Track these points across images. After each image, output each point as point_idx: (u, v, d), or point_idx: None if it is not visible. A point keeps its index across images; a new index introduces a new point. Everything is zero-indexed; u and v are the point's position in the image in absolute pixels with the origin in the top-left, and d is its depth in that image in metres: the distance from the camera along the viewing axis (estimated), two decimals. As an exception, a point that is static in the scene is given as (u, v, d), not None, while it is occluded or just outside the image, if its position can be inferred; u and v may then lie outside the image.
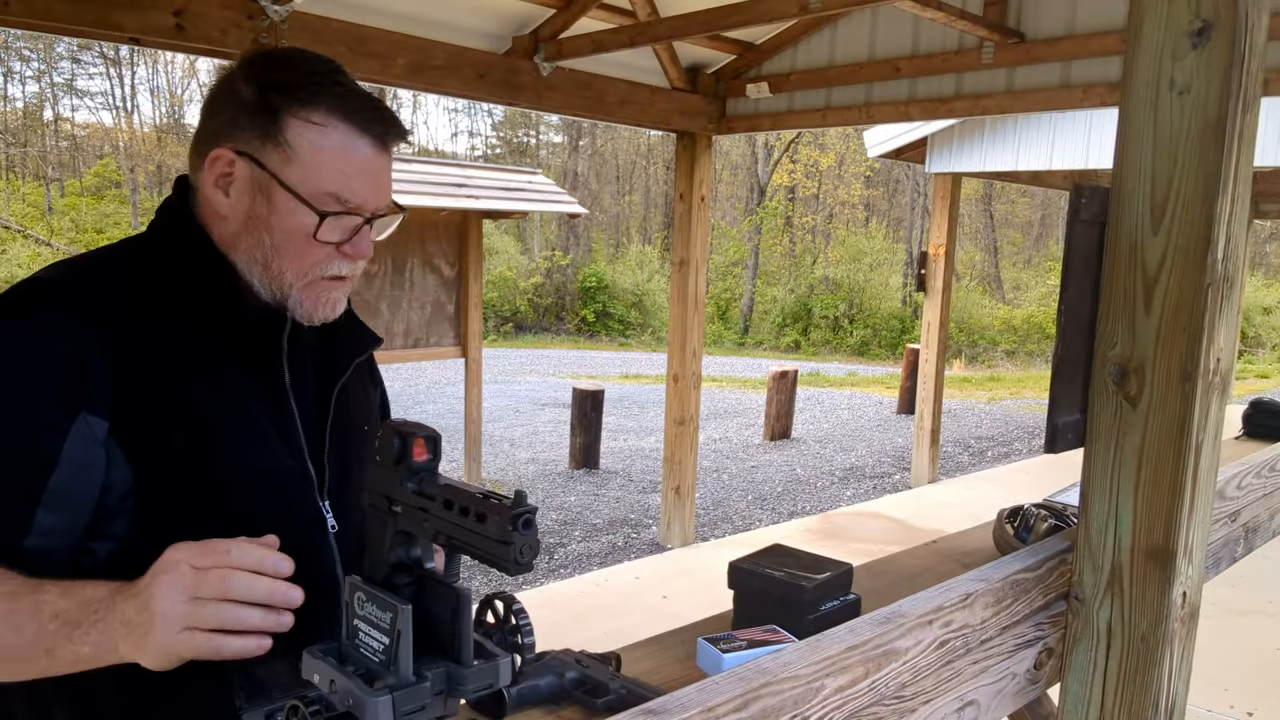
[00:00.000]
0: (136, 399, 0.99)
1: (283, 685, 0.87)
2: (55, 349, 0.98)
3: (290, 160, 1.04)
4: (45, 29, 3.26)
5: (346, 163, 1.05)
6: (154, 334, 1.03)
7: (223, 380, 1.06)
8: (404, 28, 3.96)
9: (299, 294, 1.08)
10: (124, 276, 1.06)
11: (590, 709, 1.03)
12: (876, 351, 22.22)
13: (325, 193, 1.05)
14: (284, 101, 1.03)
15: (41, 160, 27.08)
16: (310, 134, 1.04)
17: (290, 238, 1.05)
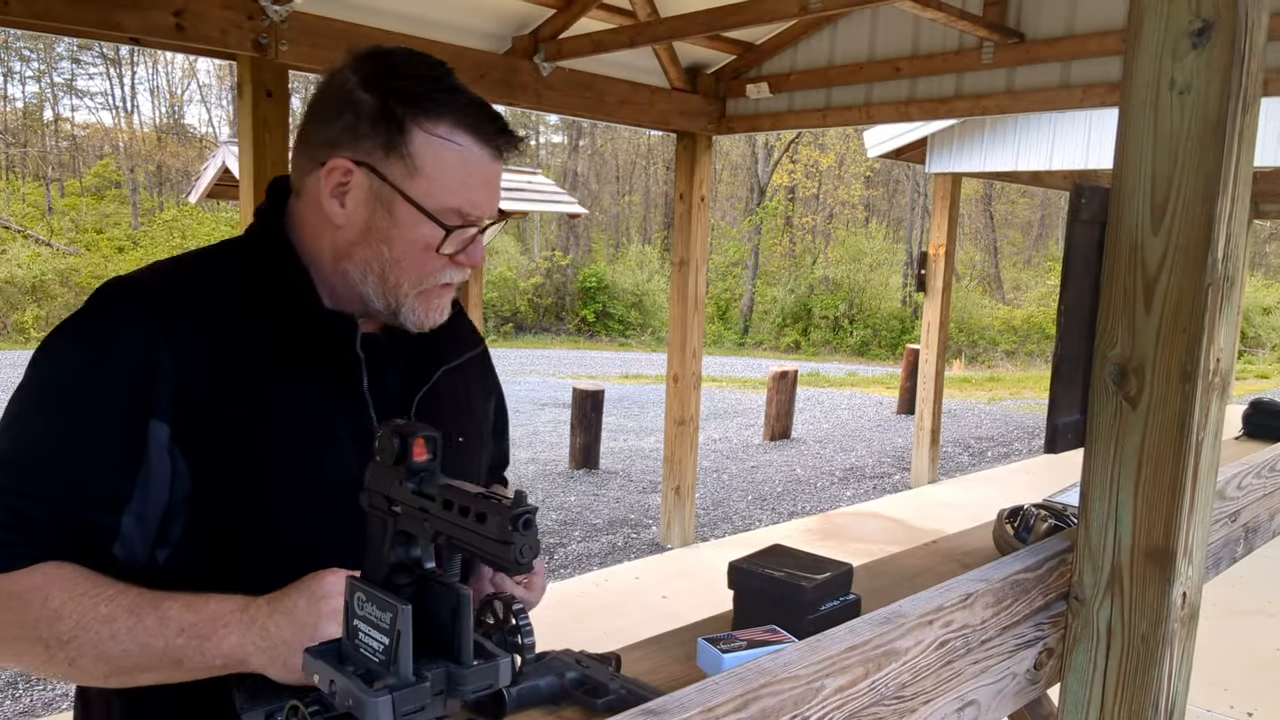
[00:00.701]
0: (202, 405, 0.99)
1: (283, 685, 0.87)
2: (126, 359, 0.98)
3: (414, 174, 1.02)
4: (45, 29, 3.26)
5: (470, 176, 1.04)
6: (227, 339, 1.02)
7: (296, 387, 1.05)
8: (404, 28, 3.96)
9: (413, 302, 1.07)
10: (204, 281, 1.06)
11: (590, 709, 1.03)
12: (876, 352, 22.22)
13: (449, 208, 1.03)
14: (409, 112, 1.01)
15: (41, 160, 27.08)
16: (435, 147, 1.02)
17: (409, 250, 1.04)
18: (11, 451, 0.98)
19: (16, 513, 0.95)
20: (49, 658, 0.93)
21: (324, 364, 1.06)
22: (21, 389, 1.01)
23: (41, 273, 19.75)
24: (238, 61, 3.51)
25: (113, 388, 0.98)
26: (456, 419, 1.19)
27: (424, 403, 1.13)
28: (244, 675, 0.91)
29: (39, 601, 0.93)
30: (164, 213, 24.49)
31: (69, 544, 0.96)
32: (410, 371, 1.14)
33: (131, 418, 0.97)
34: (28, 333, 18.46)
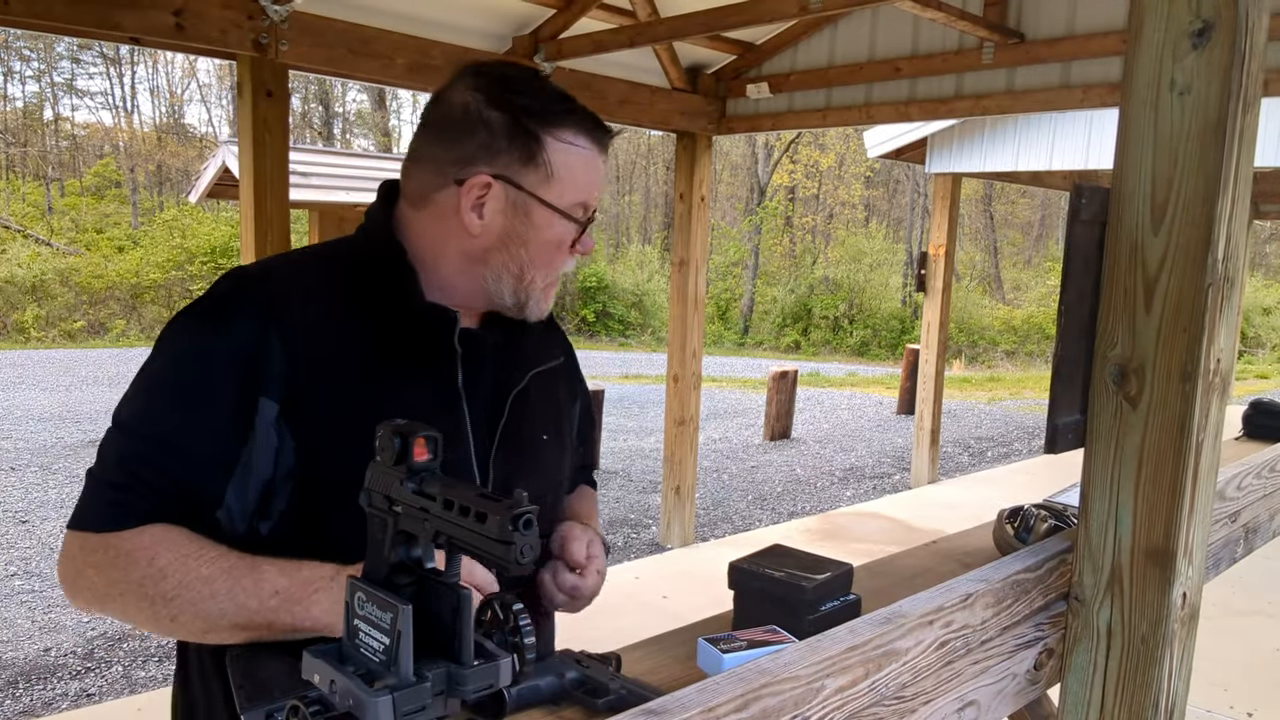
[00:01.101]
0: (308, 385, 1.07)
1: (283, 685, 0.88)
2: (241, 340, 1.06)
3: (549, 179, 1.12)
4: (45, 29, 3.26)
5: (590, 174, 1.16)
6: (334, 328, 1.10)
7: (398, 375, 1.11)
8: (404, 28, 3.96)
9: (539, 295, 1.17)
10: (316, 275, 1.15)
11: (590, 709, 1.03)
12: (876, 352, 22.22)
13: (576, 203, 1.15)
14: (539, 125, 1.11)
15: (41, 160, 27.08)
16: (564, 153, 1.13)
17: (545, 249, 1.15)
18: (134, 420, 1.07)
19: (134, 475, 1.04)
20: (154, 614, 1.01)
21: (422, 357, 1.13)
22: (146, 365, 1.10)
23: (41, 272, 19.74)
24: (238, 61, 3.51)
25: (227, 366, 1.06)
26: (544, 419, 1.28)
27: (515, 402, 1.21)
28: (245, 675, 0.91)
29: (146, 560, 1.01)
30: (164, 212, 24.47)
31: (178, 508, 1.04)
32: (502, 371, 1.21)
33: (242, 394, 1.05)
34: (28, 332, 18.45)
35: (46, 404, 11.01)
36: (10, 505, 6.88)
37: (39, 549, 5.94)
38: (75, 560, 1.05)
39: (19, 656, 4.36)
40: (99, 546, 1.03)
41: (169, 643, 4.55)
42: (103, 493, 1.05)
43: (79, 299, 19.86)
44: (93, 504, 1.05)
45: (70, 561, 1.05)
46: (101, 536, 1.03)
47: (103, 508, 1.04)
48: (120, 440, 1.07)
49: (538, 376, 1.25)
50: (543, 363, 1.27)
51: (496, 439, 1.19)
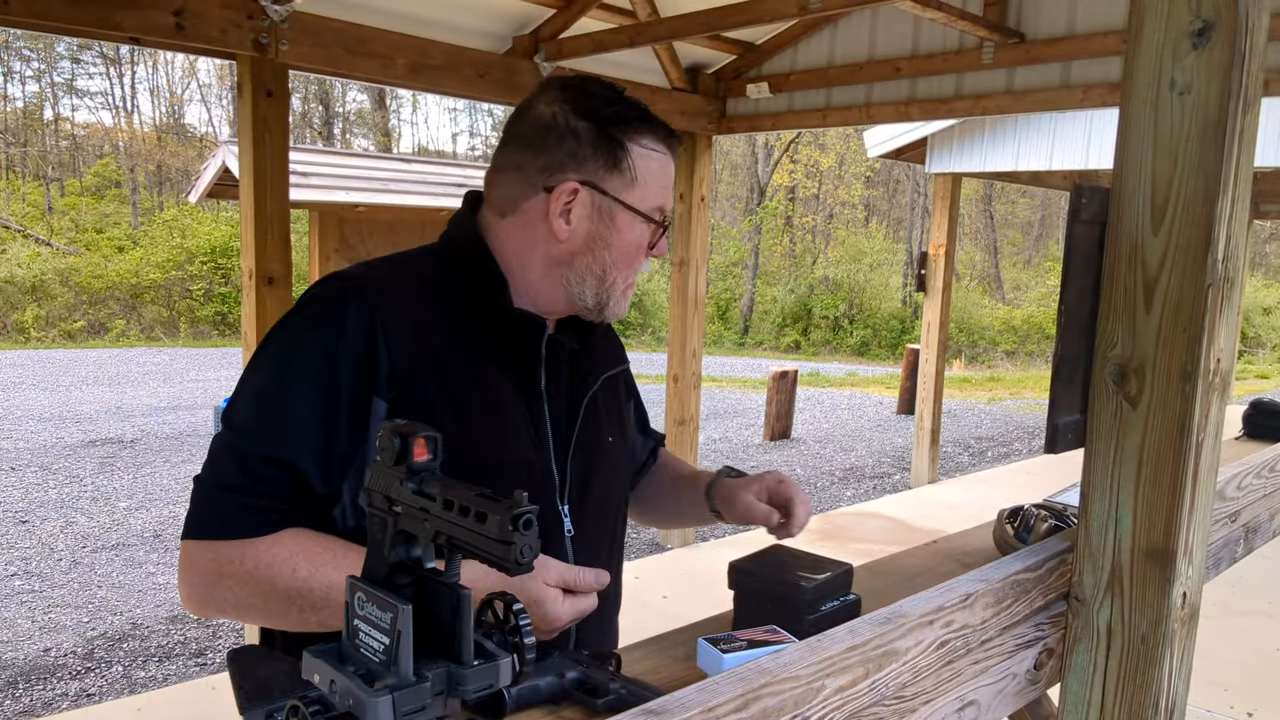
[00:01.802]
0: (411, 385, 1.11)
1: (283, 685, 0.87)
2: (355, 342, 1.11)
3: (632, 184, 1.19)
4: (45, 29, 3.26)
5: (666, 179, 1.23)
6: (432, 331, 1.15)
7: (486, 377, 1.17)
8: (404, 28, 3.96)
9: (619, 297, 1.23)
10: (413, 279, 1.20)
11: (590, 709, 1.03)
12: (876, 351, 22.22)
13: (656, 207, 1.21)
14: (623, 133, 1.18)
15: (41, 160, 27.08)
16: (645, 159, 1.20)
17: (626, 251, 1.21)
18: (252, 422, 1.10)
19: (257, 478, 1.07)
20: (302, 620, 1.06)
21: (510, 359, 1.19)
22: (257, 366, 1.14)
23: (41, 272, 19.74)
24: (238, 61, 3.51)
25: (344, 367, 1.10)
26: (610, 421, 1.35)
27: (589, 405, 1.28)
28: (245, 675, 0.91)
29: (289, 571, 1.04)
30: (164, 212, 24.47)
31: (300, 508, 1.08)
32: (576, 375, 1.27)
33: (359, 394, 1.10)
34: (28, 332, 18.45)
35: (46, 404, 11.01)
36: (10, 505, 6.88)
37: (39, 549, 5.94)
38: (207, 572, 1.06)
39: (19, 656, 4.36)
40: (236, 556, 1.05)
41: (169, 642, 4.55)
42: (227, 498, 1.06)
43: (79, 299, 19.86)
44: (219, 511, 1.06)
45: (201, 573, 1.06)
46: (238, 545, 1.05)
47: (235, 514, 1.06)
48: (238, 444, 1.09)
49: (606, 380, 1.33)
50: (611, 367, 1.35)
51: (573, 441, 1.25)
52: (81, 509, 6.85)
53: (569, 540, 1.23)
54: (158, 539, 6.18)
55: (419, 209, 6.42)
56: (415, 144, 33.98)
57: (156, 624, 4.74)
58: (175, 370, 14.39)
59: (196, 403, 11.38)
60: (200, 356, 16.32)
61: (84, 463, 8.14)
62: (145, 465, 8.15)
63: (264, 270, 3.53)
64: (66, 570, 5.55)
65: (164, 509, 6.91)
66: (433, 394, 1.12)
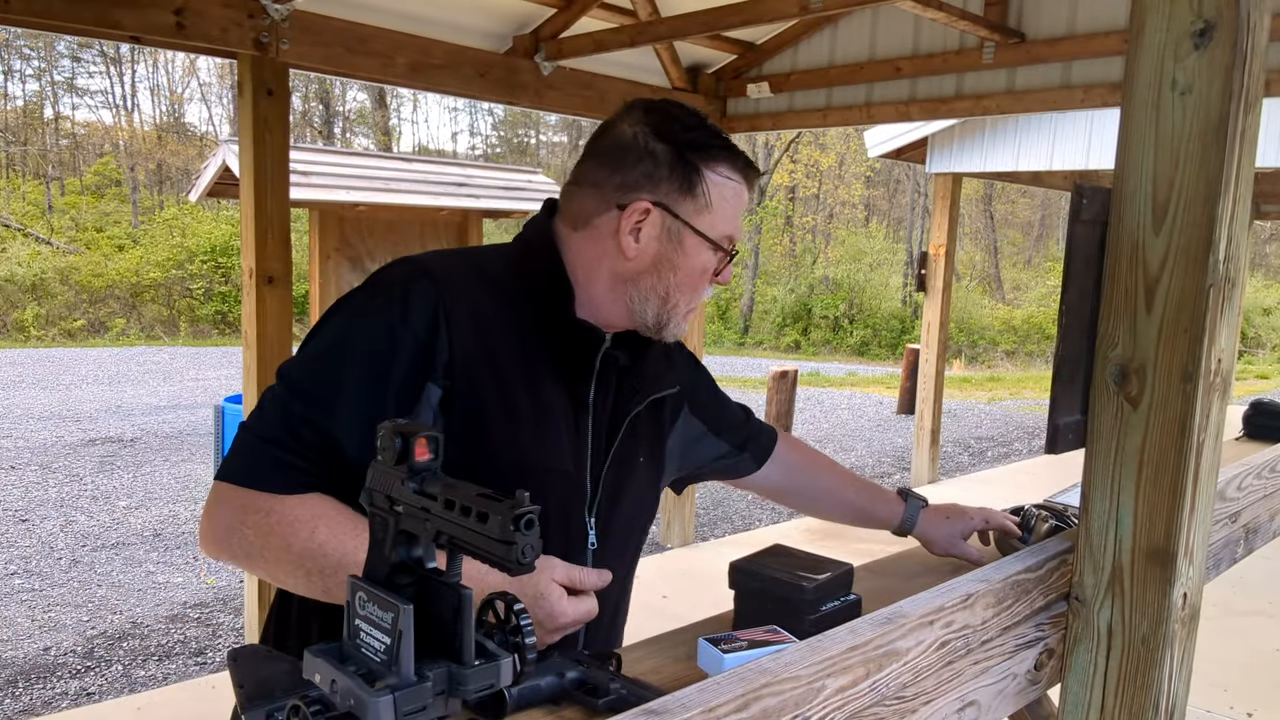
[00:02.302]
0: (466, 377, 1.14)
1: (284, 685, 0.87)
2: (419, 325, 1.12)
3: (703, 210, 1.20)
4: (45, 27, 3.26)
5: (740, 207, 1.24)
6: (491, 327, 1.17)
7: (539, 381, 1.19)
8: (404, 27, 3.96)
9: (680, 319, 1.25)
10: (482, 275, 1.21)
11: (591, 709, 1.03)
12: (876, 351, 22.22)
13: (725, 235, 1.22)
14: (700, 159, 1.19)
15: (42, 159, 27.07)
16: (719, 186, 1.21)
17: (691, 275, 1.22)
18: (303, 381, 1.13)
19: (297, 436, 1.09)
20: (309, 584, 1.07)
21: (564, 367, 1.21)
22: (320, 331, 1.16)
23: (41, 271, 19.74)
24: (238, 60, 3.50)
25: (405, 347, 1.12)
26: (645, 442, 1.34)
27: (630, 423, 1.28)
28: (246, 674, 0.91)
29: (307, 533, 1.06)
30: (164, 211, 24.46)
31: (334, 477, 1.09)
32: (624, 392, 1.28)
33: (414, 376, 1.12)
34: (28, 331, 18.45)
35: (46, 403, 11.01)
36: (10, 504, 6.88)
37: (39, 548, 5.94)
38: (230, 515, 1.08)
39: (19, 655, 4.37)
40: (263, 508, 1.07)
41: (169, 641, 4.55)
42: (266, 450, 1.09)
43: (79, 298, 19.86)
44: (257, 461, 1.09)
45: (224, 515, 1.08)
46: (268, 497, 1.07)
47: (269, 468, 1.08)
48: (286, 398, 1.11)
49: (652, 402, 1.32)
50: (660, 389, 1.34)
51: (610, 456, 1.26)
52: (81, 508, 6.85)
53: (591, 552, 1.26)
54: (157, 538, 6.18)
55: (419, 208, 6.43)
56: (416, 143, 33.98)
57: (156, 623, 4.74)
58: (175, 369, 14.39)
59: (196, 401, 11.38)
60: (200, 355, 16.32)
61: (84, 461, 8.14)
62: (145, 464, 8.16)
63: (264, 269, 3.53)
64: (66, 569, 5.56)
65: (164, 508, 6.91)
66: (486, 389, 1.14)
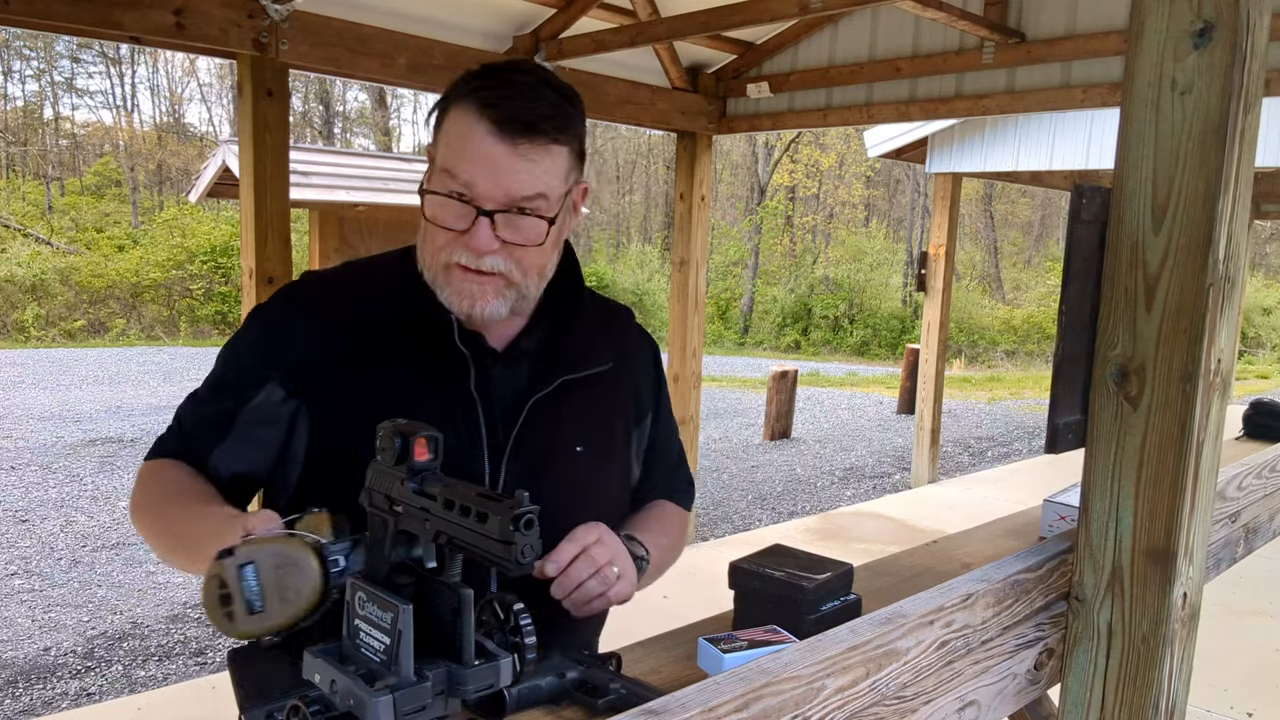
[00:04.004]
0: (318, 380, 1.14)
1: (284, 685, 0.87)
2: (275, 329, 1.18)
3: (436, 145, 1.11)
4: (45, 28, 3.26)
5: (463, 143, 1.07)
6: (363, 330, 1.15)
7: (405, 378, 1.14)
8: (404, 27, 3.96)
9: (440, 281, 1.12)
10: (367, 279, 1.21)
11: (591, 709, 1.03)
12: (876, 351, 22.22)
13: (442, 169, 1.09)
14: (452, 95, 1.11)
15: (41, 159, 27.07)
16: (451, 120, 1.09)
17: (427, 223, 1.12)
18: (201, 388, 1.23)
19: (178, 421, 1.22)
20: (143, 526, 1.17)
21: (430, 358, 1.14)
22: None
23: (41, 271, 19.73)
24: (238, 60, 3.50)
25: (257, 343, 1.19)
26: (579, 430, 1.22)
27: (541, 408, 1.18)
28: (246, 674, 0.91)
29: (151, 482, 1.18)
30: (164, 211, 24.46)
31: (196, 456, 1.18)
32: (534, 376, 1.19)
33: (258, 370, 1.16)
34: (28, 331, 18.44)
35: (46, 403, 11.01)
36: (10, 504, 6.88)
37: (39, 548, 5.94)
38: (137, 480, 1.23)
39: (19, 656, 4.36)
40: (140, 471, 1.21)
41: (169, 642, 4.55)
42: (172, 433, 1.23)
43: (79, 298, 19.85)
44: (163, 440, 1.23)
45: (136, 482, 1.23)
46: (144, 463, 1.22)
47: (154, 444, 1.23)
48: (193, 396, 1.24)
49: (574, 384, 1.20)
50: (580, 369, 1.21)
51: (509, 446, 1.16)
52: (81, 508, 6.85)
53: None
54: (158, 538, 6.16)
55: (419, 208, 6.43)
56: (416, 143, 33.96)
57: (156, 623, 4.74)
58: (175, 369, 14.39)
59: (196, 402, 11.34)
60: (200, 356, 16.31)
61: (84, 462, 8.14)
62: (145, 464, 8.14)
63: (264, 270, 3.53)
64: (66, 569, 5.55)
65: (164, 508, 6.89)
66: (340, 390, 1.13)
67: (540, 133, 1.08)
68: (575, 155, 1.15)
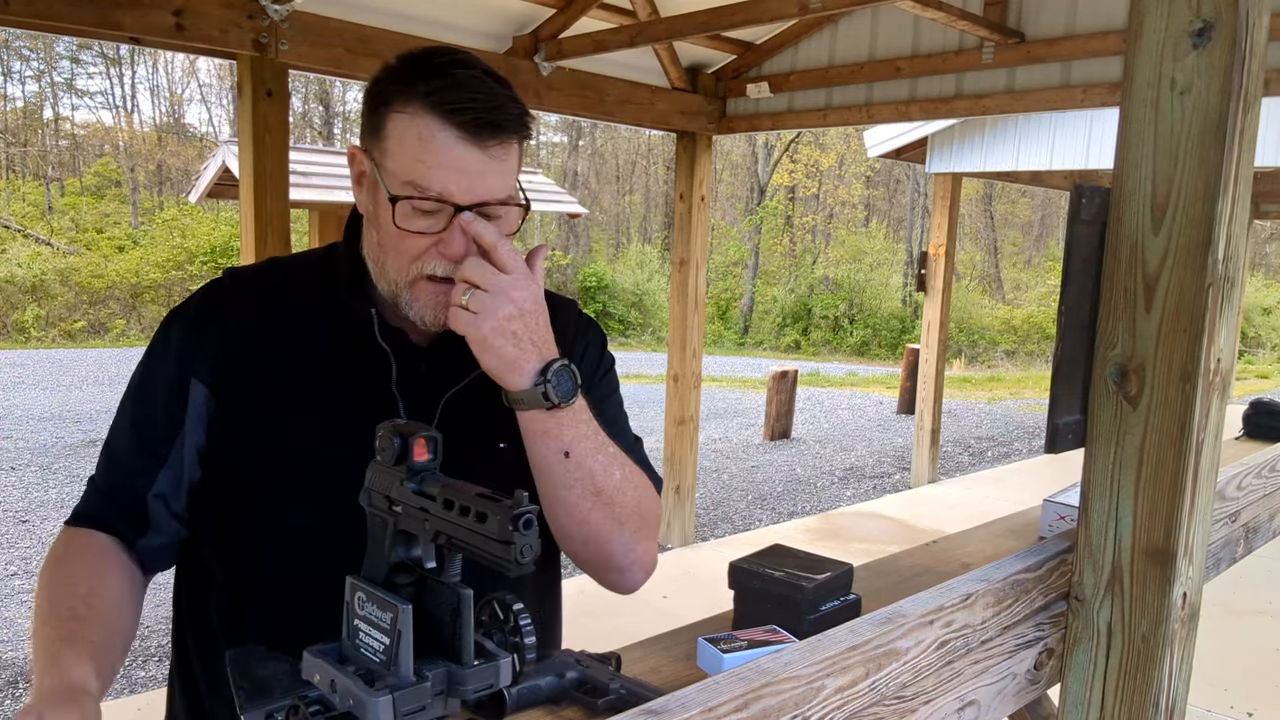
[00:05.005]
0: (237, 375, 1.10)
1: (283, 685, 0.87)
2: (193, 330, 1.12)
3: (386, 153, 1.03)
4: (45, 28, 3.26)
5: (425, 151, 1.01)
6: (282, 326, 1.12)
7: (326, 374, 1.11)
8: (404, 27, 3.96)
9: (406, 293, 1.06)
10: (281, 274, 1.18)
11: (591, 709, 1.03)
12: (876, 351, 22.23)
13: (404, 181, 1.01)
14: (392, 92, 1.02)
15: (41, 159, 27.08)
16: (401, 124, 1.01)
17: (388, 230, 1.04)
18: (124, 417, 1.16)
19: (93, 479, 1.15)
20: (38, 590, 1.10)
21: (351, 357, 1.11)
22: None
23: (41, 272, 19.74)
24: (238, 61, 3.51)
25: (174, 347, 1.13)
26: (503, 428, 1.12)
27: (459, 406, 1.12)
28: (245, 675, 0.91)
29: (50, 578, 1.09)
30: (164, 212, 24.47)
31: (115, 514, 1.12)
32: (457, 372, 1.12)
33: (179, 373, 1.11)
34: (28, 332, 18.44)
35: (46, 404, 11.01)
36: (10, 505, 6.88)
37: (39, 549, 5.93)
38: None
39: (19, 656, 4.36)
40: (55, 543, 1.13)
41: (169, 643, 4.55)
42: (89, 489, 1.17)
43: (79, 299, 19.85)
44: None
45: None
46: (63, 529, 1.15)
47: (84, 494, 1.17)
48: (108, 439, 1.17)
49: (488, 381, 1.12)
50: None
51: None
52: (81, 509, 6.85)
53: None
54: (158, 539, 6.17)
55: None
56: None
57: (156, 624, 4.73)
58: (175, 370, 14.38)
59: (196, 402, 11.35)
60: (200, 356, 16.27)
61: (84, 462, 8.13)
62: (145, 465, 8.14)
63: (264, 270, 3.53)
64: (66, 570, 5.55)
65: (164, 509, 6.90)
66: (259, 386, 1.09)
67: (507, 131, 1.04)
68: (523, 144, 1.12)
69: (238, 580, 1.12)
